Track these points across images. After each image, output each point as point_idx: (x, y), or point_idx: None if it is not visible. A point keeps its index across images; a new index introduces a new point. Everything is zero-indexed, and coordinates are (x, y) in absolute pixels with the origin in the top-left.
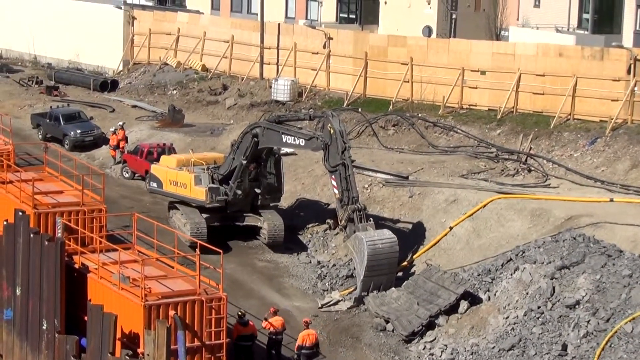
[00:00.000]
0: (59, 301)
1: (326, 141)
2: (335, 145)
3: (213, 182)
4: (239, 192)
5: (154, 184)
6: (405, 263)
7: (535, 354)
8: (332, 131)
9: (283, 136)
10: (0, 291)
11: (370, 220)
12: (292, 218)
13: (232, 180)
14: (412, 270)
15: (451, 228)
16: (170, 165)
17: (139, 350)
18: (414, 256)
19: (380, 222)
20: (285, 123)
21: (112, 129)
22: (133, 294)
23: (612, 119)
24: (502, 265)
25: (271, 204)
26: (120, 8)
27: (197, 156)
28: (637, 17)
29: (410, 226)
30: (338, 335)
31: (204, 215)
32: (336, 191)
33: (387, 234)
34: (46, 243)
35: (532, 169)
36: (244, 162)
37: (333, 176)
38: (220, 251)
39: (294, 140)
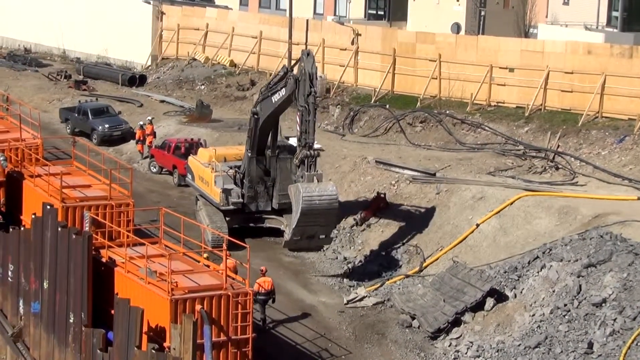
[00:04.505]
0: (86, 295)
1: (297, 77)
2: (303, 86)
3: (235, 182)
4: (250, 185)
5: (189, 176)
6: (430, 261)
7: (561, 351)
8: (303, 71)
9: (272, 98)
10: (28, 284)
11: (319, 171)
12: None
13: (245, 177)
14: (439, 267)
15: (478, 225)
16: (202, 159)
17: (165, 344)
18: (441, 253)
19: (406, 218)
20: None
21: (140, 123)
22: (160, 288)
23: None
24: (529, 262)
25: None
26: (149, 3)
27: (232, 150)
28: None
29: (436, 223)
30: (364, 331)
31: (227, 218)
32: (298, 129)
33: (329, 189)
34: (74, 237)
35: (560, 166)
36: (249, 153)
37: (298, 114)
38: (247, 246)
39: (279, 95)
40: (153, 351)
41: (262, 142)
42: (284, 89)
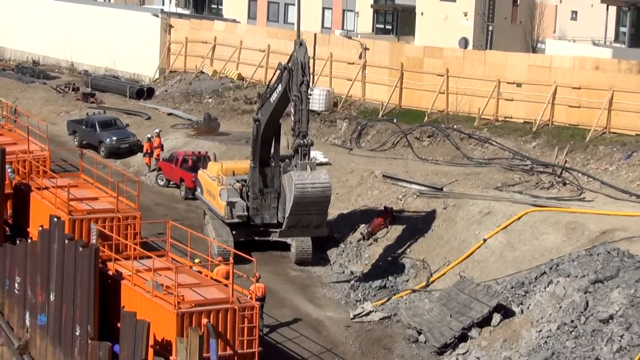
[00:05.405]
0: (92, 307)
1: (290, 67)
2: (296, 75)
3: (242, 196)
4: (254, 197)
5: (199, 190)
6: (436, 276)
7: None
8: (295, 60)
9: (270, 99)
10: (35, 297)
11: (313, 159)
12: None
13: (250, 189)
14: (445, 282)
15: (485, 240)
16: (212, 173)
17: (171, 358)
18: (448, 268)
19: (413, 233)
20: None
21: (148, 136)
22: (166, 302)
23: None
24: (536, 278)
25: None
26: (158, 16)
27: (241, 164)
28: None
29: (443, 237)
30: (370, 346)
31: (233, 232)
32: (292, 118)
33: (322, 177)
34: (80, 249)
35: (567, 182)
36: (253, 163)
37: (292, 104)
38: (254, 260)
39: (276, 92)
40: None
41: (264, 152)
42: (279, 84)
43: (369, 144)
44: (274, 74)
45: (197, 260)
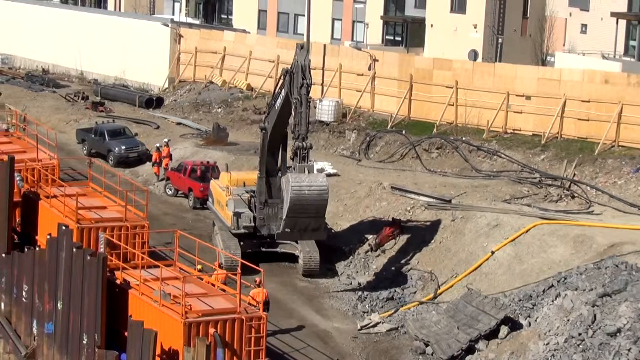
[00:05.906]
0: (99, 316)
1: (291, 70)
2: (296, 78)
3: (250, 207)
4: (261, 208)
5: (210, 200)
6: (444, 288)
7: None
8: (296, 63)
9: (275, 105)
10: (42, 305)
11: (311, 161)
12: (332, 239)
13: (257, 199)
14: (453, 294)
15: (493, 252)
16: (222, 183)
17: None
18: (455, 280)
19: (421, 245)
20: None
21: (157, 146)
22: (173, 311)
23: None
24: (544, 291)
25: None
26: (167, 26)
27: (252, 175)
28: None
29: (451, 249)
30: (377, 357)
31: (240, 243)
32: (292, 121)
33: (319, 180)
34: (88, 258)
35: (576, 195)
36: (259, 174)
37: (293, 107)
38: (262, 270)
39: (280, 98)
40: None
41: (271, 161)
42: (282, 90)
43: (377, 155)
44: (277, 80)
45: (199, 267)
